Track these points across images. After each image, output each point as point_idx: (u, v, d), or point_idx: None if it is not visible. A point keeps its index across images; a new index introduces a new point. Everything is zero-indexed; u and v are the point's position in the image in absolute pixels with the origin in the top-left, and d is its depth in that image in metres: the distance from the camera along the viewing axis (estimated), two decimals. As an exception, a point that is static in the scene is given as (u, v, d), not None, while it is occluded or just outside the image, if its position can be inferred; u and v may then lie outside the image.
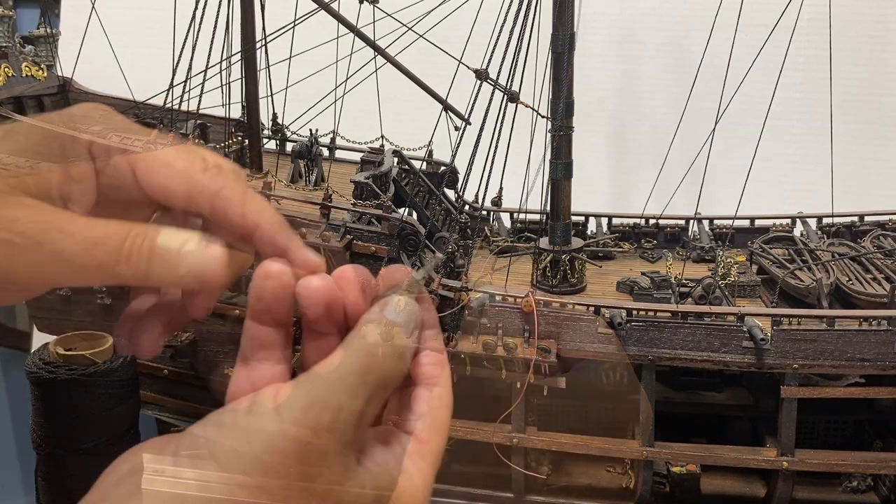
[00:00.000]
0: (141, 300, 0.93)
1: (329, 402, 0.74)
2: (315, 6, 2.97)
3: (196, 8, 3.00)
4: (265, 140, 3.51)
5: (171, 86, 3.01)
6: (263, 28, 3.14)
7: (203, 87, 3.03)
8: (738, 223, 3.35)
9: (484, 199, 3.00)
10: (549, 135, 3.00)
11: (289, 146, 3.61)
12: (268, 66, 3.33)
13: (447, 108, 2.95)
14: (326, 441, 0.73)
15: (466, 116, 2.88)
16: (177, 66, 3.00)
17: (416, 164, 3.47)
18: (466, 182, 2.92)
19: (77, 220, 0.82)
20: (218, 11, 3.09)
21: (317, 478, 0.72)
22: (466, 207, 3.38)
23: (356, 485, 0.75)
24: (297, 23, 2.98)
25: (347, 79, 3.06)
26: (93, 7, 3.25)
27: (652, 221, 3.57)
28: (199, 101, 3.09)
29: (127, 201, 0.88)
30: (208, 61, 3.03)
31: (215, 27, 3.06)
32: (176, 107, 3.11)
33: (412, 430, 0.85)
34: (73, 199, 0.84)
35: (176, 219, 0.89)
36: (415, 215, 3.08)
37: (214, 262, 0.84)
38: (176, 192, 0.86)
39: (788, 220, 3.54)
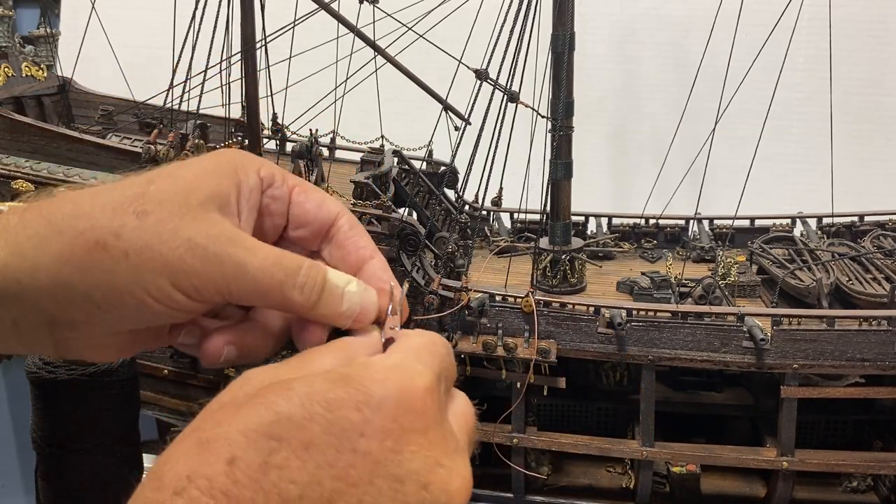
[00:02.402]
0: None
1: None
2: (315, 6, 2.97)
3: (196, 8, 3.00)
4: (265, 140, 3.51)
5: (171, 86, 3.01)
6: (263, 28, 3.13)
7: (203, 87, 3.03)
8: (738, 223, 3.35)
9: (484, 199, 3.00)
10: (549, 135, 3.00)
11: (289, 146, 3.61)
12: (268, 66, 3.33)
13: (447, 108, 2.95)
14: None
15: (466, 116, 2.88)
16: (177, 66, 3.00)
17: (416, 164, 3.47)
18: (466, 182, 2.92)
19: (254, 240, 0.85)
20: (218, 11, 3.09)
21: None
22: (466, 207, 3.39)
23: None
24: (297, 23, 2.98)
25: (347, 79, 3.06)
26: (93, 7, 3.26)
27: (652, 221, 3.57)
28: (199, 101, 3.09)
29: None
30: (208, 61, 3.03)
31: (215, 27, 3.06)
32: (176, 107, 3.11)
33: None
34: (243, 217, 0.87)
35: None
36: (415, 215, 3.08)
37: (371, 305, 0.88)
38: (326, 212, 0.92)
39: (788, 220, 3.54)
